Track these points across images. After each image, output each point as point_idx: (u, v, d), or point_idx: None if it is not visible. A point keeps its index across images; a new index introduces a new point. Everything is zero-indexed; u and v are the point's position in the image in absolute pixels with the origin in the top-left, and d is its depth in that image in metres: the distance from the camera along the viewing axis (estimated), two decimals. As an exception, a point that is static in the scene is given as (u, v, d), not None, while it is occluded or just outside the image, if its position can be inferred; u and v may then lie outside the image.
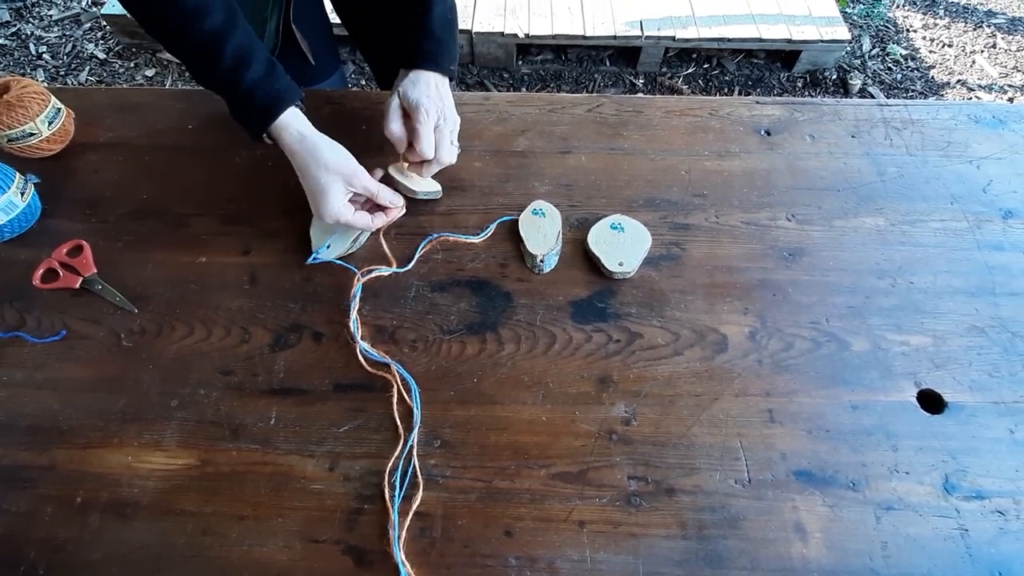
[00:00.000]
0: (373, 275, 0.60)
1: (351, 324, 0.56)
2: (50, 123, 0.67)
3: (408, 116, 0.62)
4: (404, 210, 0.63)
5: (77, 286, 0.61)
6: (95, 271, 0.62)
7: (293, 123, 0.57)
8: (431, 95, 0.61)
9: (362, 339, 0.57)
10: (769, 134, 0.73)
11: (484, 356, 0.57)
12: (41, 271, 0.61)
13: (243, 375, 0.56)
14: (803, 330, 0.58)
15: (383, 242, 0.62)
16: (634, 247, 0.62)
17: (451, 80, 0.65)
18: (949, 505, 0.50)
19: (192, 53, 0.56)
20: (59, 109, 0.69)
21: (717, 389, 0.55)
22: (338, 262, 0.61)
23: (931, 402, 0.55)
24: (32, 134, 0.66)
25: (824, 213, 0.66)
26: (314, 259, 0.61)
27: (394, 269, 0.61)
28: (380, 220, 0.61)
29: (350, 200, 0.60)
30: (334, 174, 0.56)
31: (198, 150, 0.72)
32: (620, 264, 0.60)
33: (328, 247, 0.61)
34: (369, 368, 0.55)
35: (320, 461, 0.51)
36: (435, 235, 0.64)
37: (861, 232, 0.65)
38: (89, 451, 0.52)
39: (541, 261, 0.61)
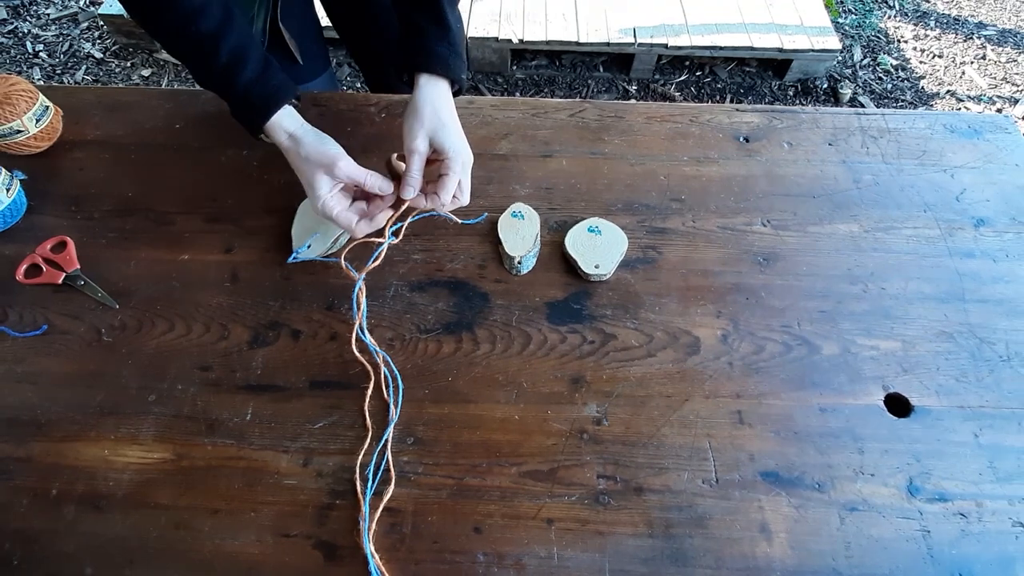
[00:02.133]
0: (375, 259, 0.59)
1: (354, 311, 0.56)
2: (37, 120, 0.68)
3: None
4: (392, 201, 0.60)
5: (60, 282, 0.61)
6: (78, 267, 0.62)
7: (283, 122, 0.58)
8: (462, 137, 0.59)
9: (339, 337, 0.58)
10: (748, 141, 0.74)
11: (460, 355, 0.58)
12: (24, 266, 0.62)
13: (221, 371, 0.56)
14: (774, 333, 0.59)
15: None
16: (610, 250, 0.63)
17: (460, 92, 0.63)
18: (912, 507, 0.50)
19: (189, 53, 0.57)
20: (47, 107, 0.69)
21: (688, 390, 0.56)
22: (320, 258, 0.62)
23: (898, 406, 0.56)
24: (19, 131, 0.67)
25: (799, 219, 0.67)
26: (294, 258, 0.62)
27: (384, 241, 0.60)
28: (364, 227, 0.58)
29: (349, 195, 0.59)
30: (315, 165, 0.56)
31: (184, 149, 0.73)
32: (596, 267, 0.61)
33: (309, 247, 0.62)
34: (358, 354, 0.55)
35: (294, 457, 0.52)
36: (432, 213, 0.65)
37: (835, 238, 0.66)
38: (66, 444, 0.53)
39: (519, 263, 0.62)
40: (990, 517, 0.50)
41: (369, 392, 0.55)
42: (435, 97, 0.59)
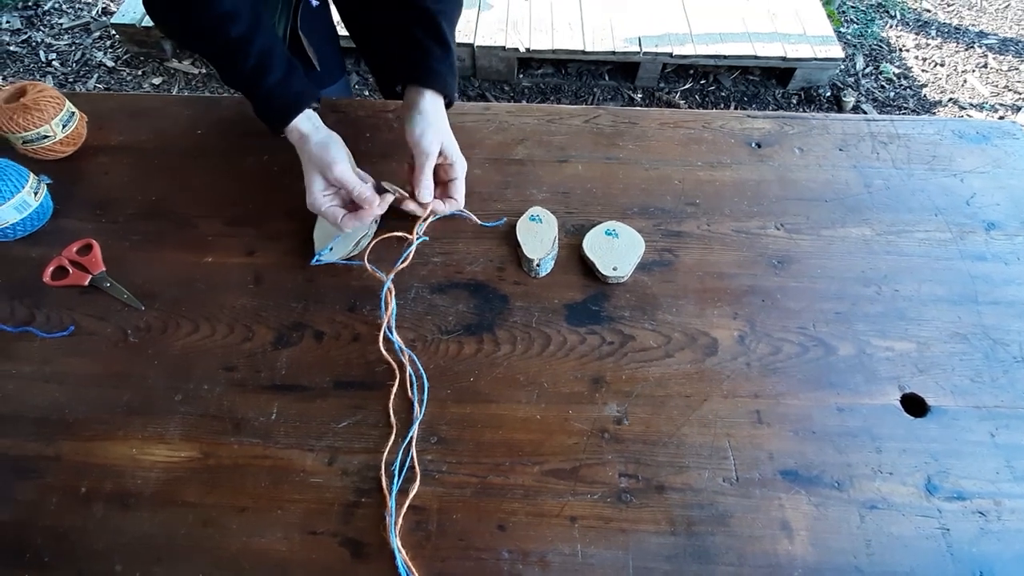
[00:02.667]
0: (404, 260, 0.61)
1: (381, 310, 0.59)
2: (64, 126, 0.69)
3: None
4: (377, 216, 0.62)
5: (86, 283, 0.62)
6: (103, 269, 0.63)
7: (299, 125, 0.60)
8: (455, 143, 0.63)
9: (362, 338, 0.59)
10: (760, 146, 0.75)
11: (481, 356, 0.58)
12: (51, 268, 0.63)
13: (246, 371, 0.57)
14: (791, 335, 0.60)
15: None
16: (628, 253, 0.64)
17: (450, 106, 0.66)
18: (931, 505, 0.51)
19: (219, 55, 0.60)
20: (73, 113, 0.71)
21: (707, 390, 0.57)
22: (342, 261, 0.63)
23: (914, 406, 0.56)
24: (46, 136, 0.68)
25: (812, 223, 0.68)
26: (317, 261, 0.63)
27: (414, 239, 0.63)
28: (350, 221, 0.59)
29: (340, 201, 0.61)
30: (313, 164, 0.59)
31: (206, 154, 0.74)
32: (614, 269, 0.62)
33: (331, 249, 0.63)
34: (384, 353, 0.57)
35: (319, 455, 0.53)
36: (458, 212, 0.67)
37: (848, 241, 0.67)
38: (94, 443, 0.54)
39: (537, 265, 0.63)
40: (1009, 515, 0.50)
41: (394, 391, 0.55)
42: (437, 110, 0.63)
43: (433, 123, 0.61)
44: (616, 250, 0.64)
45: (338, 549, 0.49)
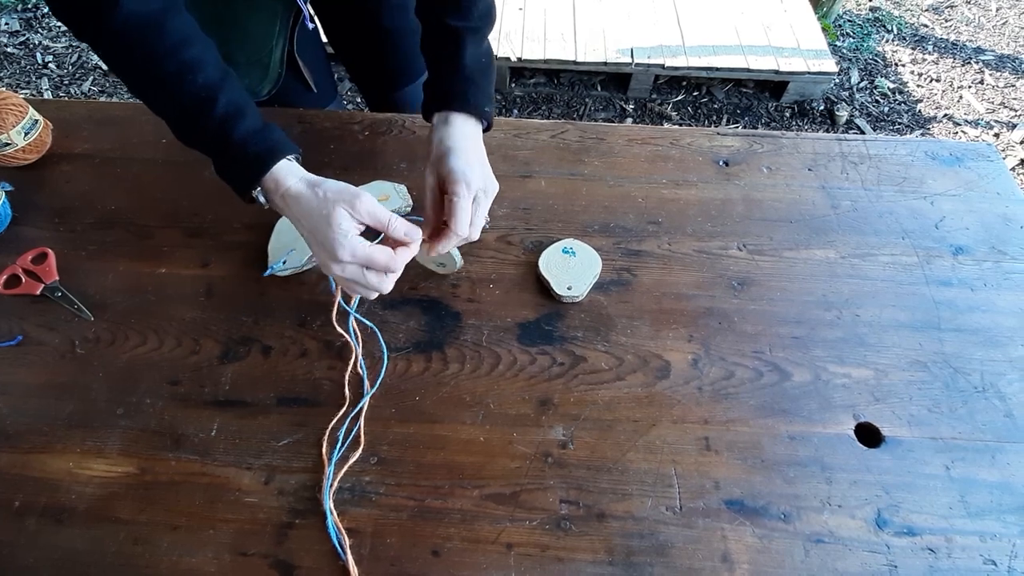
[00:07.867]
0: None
1: (332, 286, 0.61)
2: (26, 134, 0.69)
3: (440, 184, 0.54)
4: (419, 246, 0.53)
5: (38, 292, 0.62)
6: (57, 278, 0.63)
7: (295, 171, 0.51)
8: (472, 162, 0.53)
9: (310, 354, 0.58)
10: (727, 165, 0.74)
11: (428, 374, 0.58)
12: (4, 277, 0.63)
13: (190, 386, 0.57)
14: (746, 359, 0.59)
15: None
16: (584, 272, 0.63)
17: (486, 129, 0.59)
18: (880, 540, 0.50)
19: (182, 106, 0.52)
20: (36, 121, 0.71)
21: (656, 415, 0.55)
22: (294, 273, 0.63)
23: (869, 435, 0.55)
24: (7, 144, 0.68)
25: (775, 244, 0.67)
26: (270, 272, 0.63)
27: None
28: (405, 255, 0.50)
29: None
30: (333, 202, 0.48)
31: (168, 164, 0.74)
32: (569, 288, 0.61)
33: (284, 263, 0.63)
34: (337, 327, 0.58)
35: (257, 474, 0.52)
36: None
37: (811, 264, 0.66)
38: (32, 455, 0.53)
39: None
40: (960, 553, 0.49)
41: (350, 367, 0.57)
42: (446, 130, 0.55)
43: (429, 148, 0.56)
44: (572, 269, 0.63)
45: (268, 571, 0.48)
